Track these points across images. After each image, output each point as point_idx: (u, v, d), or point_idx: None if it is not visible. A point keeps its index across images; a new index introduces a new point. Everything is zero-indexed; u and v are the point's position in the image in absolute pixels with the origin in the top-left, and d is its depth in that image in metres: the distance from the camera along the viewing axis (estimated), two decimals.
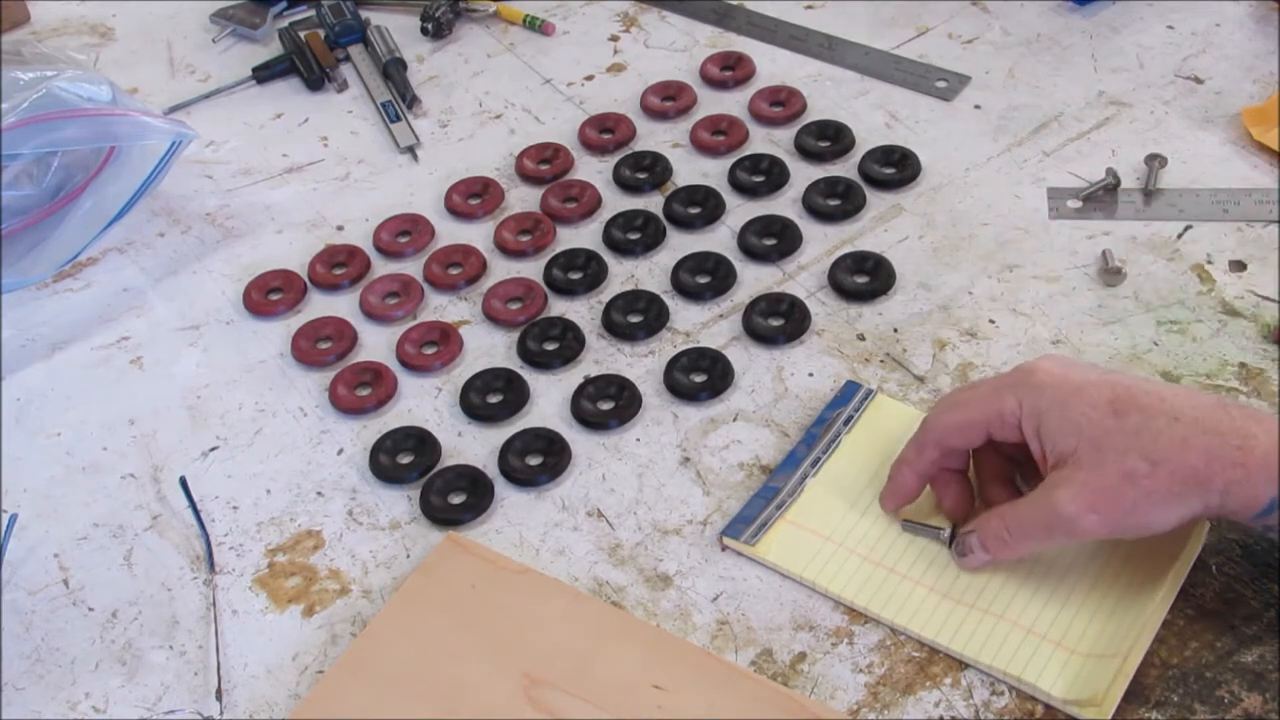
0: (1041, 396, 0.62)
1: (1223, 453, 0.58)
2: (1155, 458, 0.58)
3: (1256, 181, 0.86)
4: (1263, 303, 0.78)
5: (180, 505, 0.74)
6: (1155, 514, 0.59)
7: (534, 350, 0.80)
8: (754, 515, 0.70)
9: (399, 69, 1.02)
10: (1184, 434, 0.58)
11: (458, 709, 0.63)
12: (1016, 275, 0.82)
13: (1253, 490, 0.58)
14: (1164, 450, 0.58)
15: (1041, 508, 0.61)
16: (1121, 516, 0.60)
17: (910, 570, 0.67)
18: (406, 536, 0.72)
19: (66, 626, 0.69)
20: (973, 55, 0.99)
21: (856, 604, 0.66)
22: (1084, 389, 0.61)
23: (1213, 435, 0.58)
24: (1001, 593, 0.65)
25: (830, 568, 0.67)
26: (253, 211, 0.93)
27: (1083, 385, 0.61)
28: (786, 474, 0.72)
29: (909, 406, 0.75)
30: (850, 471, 0.71)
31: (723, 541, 0.69)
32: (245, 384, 0.81)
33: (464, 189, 0.92)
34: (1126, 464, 0.59)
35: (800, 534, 0.69)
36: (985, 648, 0.63)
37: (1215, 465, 0.58)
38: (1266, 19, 0.99)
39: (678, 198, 0.89)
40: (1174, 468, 0.58)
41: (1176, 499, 0.59)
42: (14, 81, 0.83)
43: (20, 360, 0.84)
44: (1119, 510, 0.59)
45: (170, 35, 1.10)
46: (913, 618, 0.65)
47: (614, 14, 1.08)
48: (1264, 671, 0.62)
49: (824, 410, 0.75)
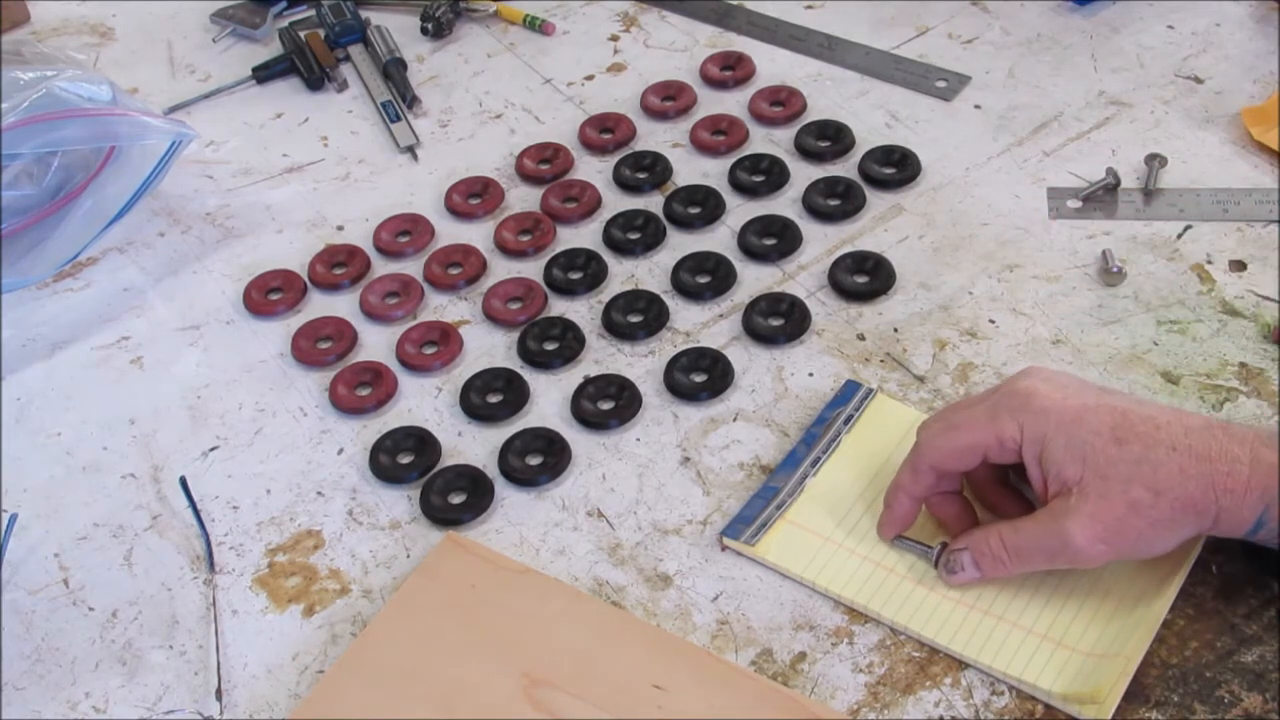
0: (1044, 423, 0.62)
1: (1214, 480, 0.59)
2: (1158, 488, 0.60)
3: (1256, 181, 0.86)
4: (1263, 303, 0.78)
5: (180, 505, 0.74)
6: (1157, 542, 0.61)
7: (534, 350, 0.80)
8: (754, 515, 0.70)
9: (399, 69, 1.02)
10: (1181, 463, 0.60)
11: (458, 709, 0.63)
12: (1016, 275, 0.82)
13: (1240, 514, 0.60)
14: (1165, 481, 0.60)
15: (1048, 536, 0.62)
16: (1128, 545, 0.61)
17: (910, 570, 0.67)
18: (406, 536, 0.72)
19: (66, 626, 0.69)
20: (973, 55, 0.99)
21: (856, 603, 0.66)
22: (1084, 416, 0.61)
23: (1204, 463, 0.60)
24: (1001, 593, 0.65)
25: (830, 568, 0.67)
26: (253, 211, 0.93)
27: (1082, 412, 0.61)
28: (786, 474, 0.72)
29: (909, 406, 0.75)
30: (850, 471, 0.71)
31: (722, 542, 0.69)
32: (245, 384, 0.81)
33: (464, 189, 0.92)
34: (1131, 494, 0.60)
35: (800, 534, 0.69)
36: (985, 648, 0.63)
37: (1210, 493, 0.59)
38: (1266, 19, 0.99)
39: (678, 198, 0.89)
40: (1175, 497, 0.60)
41: (1177, 526, 0.60)
42: (14, 81, 0.83)
43: (20, 360, 0.84)
44: (1126, 540, 0.61)
45: (170, 35, 1.10)
46: (912, 617, 0.65)
47: (614, 14, 1.08)
48: (1264, 671, 0.62)
49: (824, 410, 0.75)
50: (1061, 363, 0.76)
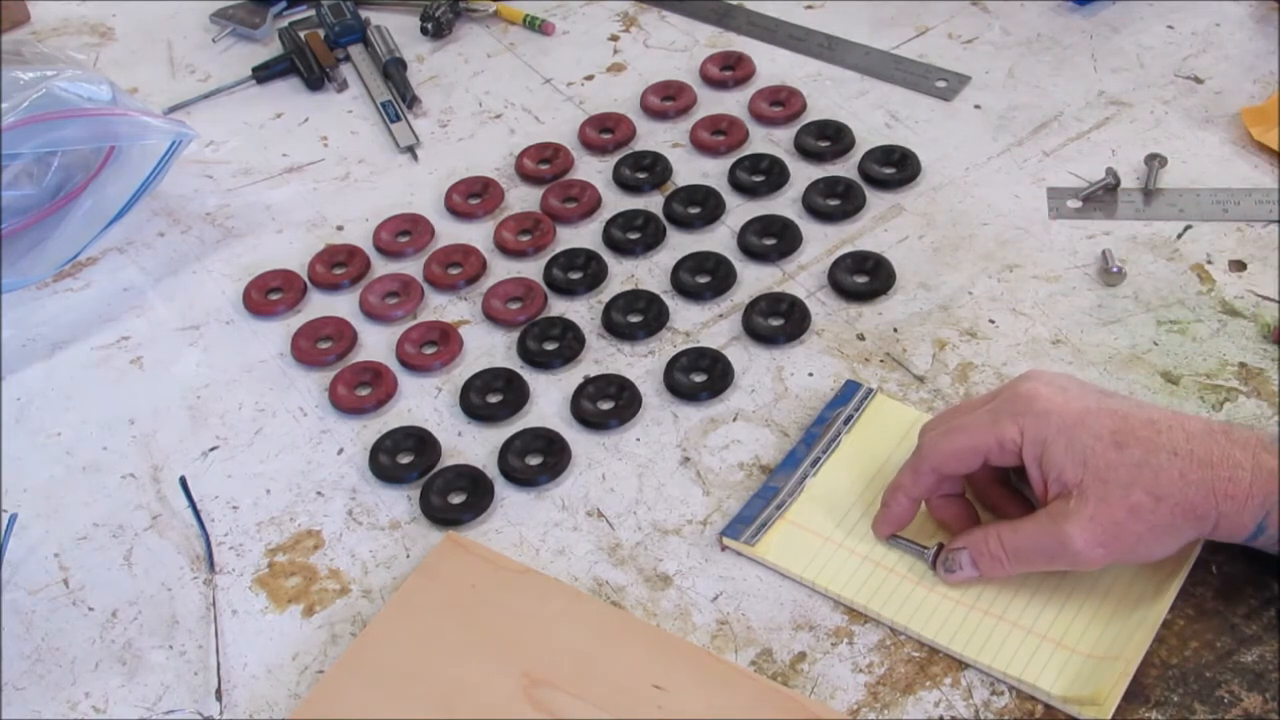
0: (1045, 426, 0.62)
1: (1215, 485, 0.59)
2: (1158, 493, 0.60)
3: (1256, 181, 0.86)
4: (1263, 302, 0.78)
5: (180, 505, 0.74)
6: (1157, 546, 0.61)
7: (534, 350, 0.80)
8: (754, 515, 0.70)
9: (399, 69, 1.02)
10: (1182, 468, 0.60)
11: (458, 709, 0.63)
12: (1016, 275, 0.82)
13: (1240, 520, 0.60)
14: (1165, 486, 0.60)
15: (1047, 537, 0.62)
16: (1127, 550, 0.61)
17: (910, 570, 0.67)
18: (406, 536, 0.72)
19: (66, 626, 0.69)
20: (973, 55, 0.99)
21: (856, 603, 0.66)
22: (1086, 419, 0.61)
23: (1206, 468, 0.60)
24: (1001, 593, 0.65)
25: (830, 568, 0.67)
26: (253, 211, 0.93)
27: (1084, 415, 0.61)
28: (786, 474, 0.72)
29: (909, 406, 0.75)
30: (850, 471, 0.71)
31: (722, 542, 0.69)
32: (245, 384, 0.81)
33: (464, 189, 0.92)
34: (1132, 499, 0.60)
35: (800, 534, 0.69)
36: (986, 648, 0.63)
37: (1210, 499, 0.60)
38: (1266, 19, 0.99)
39: (678, 197, 0.89)
40: (1175, 503, 0.60)
41: (1177, 531, 0.60)
42: (14, 81, 0.83)
43: (20, 360, 0.84)
44: (1125, 544, 0.61)
45: (170, 35, 1.10)
46: (912, 617, 0.65)
47: (614, 14, 1.08)
48: (1264, 671, 0.62)
49: (824, 410, 0.75)
50: (1061, 363, 0.76)
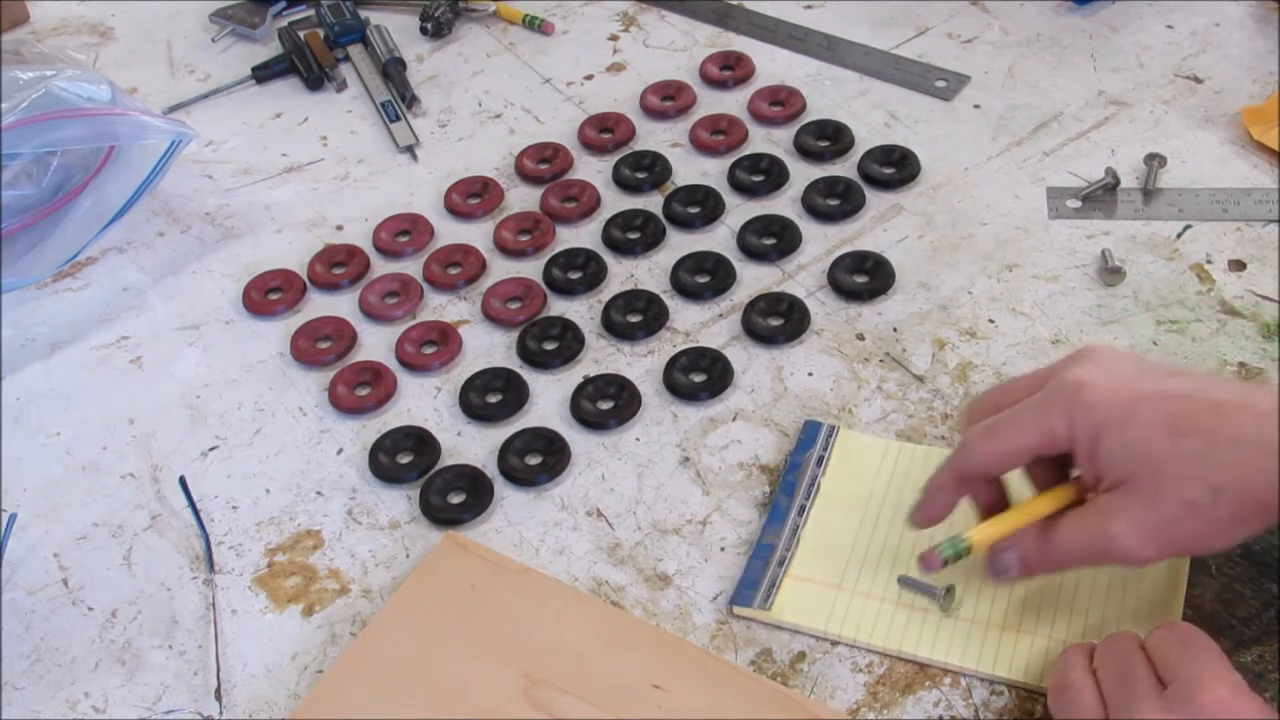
0: (1093, 418, 0.57)
1: None
2: (1216, 484, 0.55)
3: (1256, 181, 0.86)
4: (1262, 302, 0.78)
5: (180, 505, 0.74)
6: (1216, 541, 0.57)
7: (533, 350, 0.80)
8: (758, 578, 0.67)
9: (398, 69, 1.02)
10: (1245, 457, 0.55)
11: (457, 709, 0.63)
12: (1016, 275, 0.82)
13: None
14: (1225, 477, 0.55)
15: (1094, 536, 0.58)
16: (1182, 547, 0.58)
17: (931, 600, 0.65)
18: (406, 536, 0.72)
19: (66, 626, 0.69)
20: (972, 55, 0.99)
21: (889, 649, 0.64)
22: (1139, 407, 0.57)
23: (1272, 455, 0.54)
24: (1027, 609, 0.64)
25: (851, 618, 0.65)
26: (252, 211, 0.93)
27: (1136, 402, 0.57)
28: (776, 529, 0.69)
29: (875, 436, 0.73)
30: (838, 514, 0.69)
31: (734, 611, 0.66)
32: (245, 384, 0.81)
33: (464, 189, 0.92)
34: (1186, 494, 0.55)
35: (809, 588, 0.66)
36: (1029, 668, 0.62)
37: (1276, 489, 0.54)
38: (1266, 19, 0.99)
39: (677, 197, 0.89)
40: (1235, 495, 0.55)
41: (1238, 525, 0.56)
42: (14, 81, 0.83)
43: (20, 360, 0.84)
44: (1179, 542, 0.57)
45: (170, 35, 1.10)
46: (949, 650, 0.63)
47: (613, 14, 1.08)
48: (1264, 671, 0.61)
49: (793, 455, 0.73)
50: None
